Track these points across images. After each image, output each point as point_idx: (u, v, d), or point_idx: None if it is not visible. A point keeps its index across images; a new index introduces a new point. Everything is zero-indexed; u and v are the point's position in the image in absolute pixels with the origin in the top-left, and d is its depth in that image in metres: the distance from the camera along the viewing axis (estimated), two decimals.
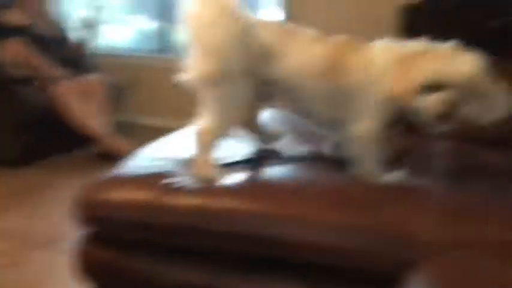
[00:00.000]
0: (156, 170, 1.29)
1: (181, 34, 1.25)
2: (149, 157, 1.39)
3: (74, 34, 3.50)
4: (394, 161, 1.25)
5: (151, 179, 1.26)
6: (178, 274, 1.27)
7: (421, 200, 1.16)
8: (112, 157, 2.71)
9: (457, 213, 1.11)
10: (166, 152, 1.42)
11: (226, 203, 1.17)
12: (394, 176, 1.23)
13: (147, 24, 4.23)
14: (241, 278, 1.22)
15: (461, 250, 0.99)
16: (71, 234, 1.63)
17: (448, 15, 1.09)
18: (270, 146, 1.46)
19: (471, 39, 1.13)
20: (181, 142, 1.47)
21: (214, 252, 1.21)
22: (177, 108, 3.74)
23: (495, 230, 1.05)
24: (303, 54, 1.24)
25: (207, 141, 1.25)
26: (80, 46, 3.46)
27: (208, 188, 1.21)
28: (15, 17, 3.15)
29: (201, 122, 1.25)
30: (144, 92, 3.92)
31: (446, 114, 1.08)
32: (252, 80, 1.24)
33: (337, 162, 1.30)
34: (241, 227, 1.15)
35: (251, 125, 1.44)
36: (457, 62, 1.09)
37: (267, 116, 1.61)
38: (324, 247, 1.10)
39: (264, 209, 1.15)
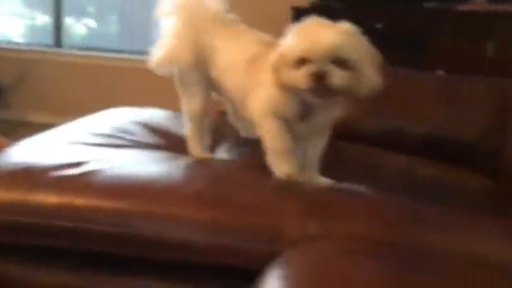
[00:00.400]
0: (24, 166, 1.23)
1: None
2: (19, 154, 1.32)
3: None
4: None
5: (17, 176, 1.19)
6: (50, 277, 1.23)
7: (290, 193, 1.19)
8: None
9: (322, 206, 1.14)
10: (38, 149, 1.35)
11: (92, 200, 1.14)
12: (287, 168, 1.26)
13: (40, 18, 4.04)
14: (116, 278, 1.20)
15: (323, 242, 1.03)
16: None
17: (336, 17, 1.15)
18: (252, 135, 1.44)
19: None
20: (56, 138, 1.41)
21: (87, 253, 1.18)
22: (65, 105, 3.64)
23: (359, 225, 1.09)
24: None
25: (200, 122, 1.43)
26: None
27: (75, 185, 1.17)
28: None
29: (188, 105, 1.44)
30: (32, 88, 3.74)
31: (317, 87, 1.11)
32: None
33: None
34: (105, 225, 1.12)
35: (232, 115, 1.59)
36: (319, 35, 1.12)
37: None
38: (196, 245, 1.10)
39: (129, 206, 1.13)
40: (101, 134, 1.47)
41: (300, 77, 1.12)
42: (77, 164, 1.22)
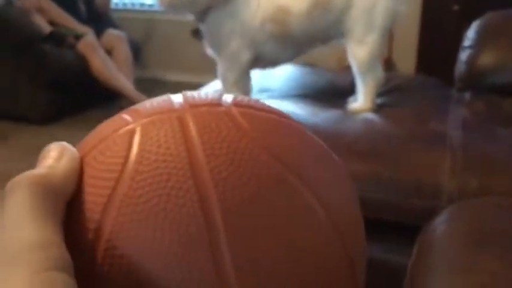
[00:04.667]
0: None
1: None
2: None
3: None
4: None
5: None
6: None
7: (445, 146, 1.16)
8: None
9: (481, 162, 1.10)
10: None
11: None
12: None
13: None
14: None
15: (486, 197, 1.00)
16: None
17: None
18: None
19: None
20: None
21: None
22: (198, 64, 3.77)
23: None
24: None
25: None
26: (105, 2, 3.45)
27: None
28: None
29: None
30: (160, 48, 3.91)
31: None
32: None
33: None
34: None
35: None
36: None
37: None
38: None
39: None
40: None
41: None
42: None
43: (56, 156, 0.26)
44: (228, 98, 0.28)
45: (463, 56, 1.63)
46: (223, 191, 0.23)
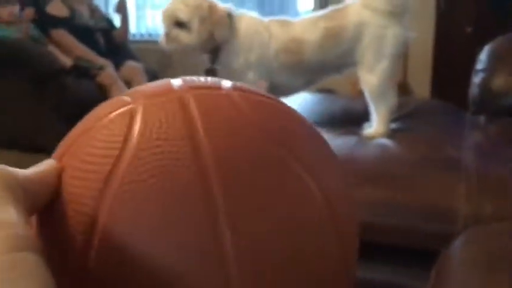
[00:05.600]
0: None
1: None
2: None
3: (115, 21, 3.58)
4: None
5: None
6: None
7: (459, 172, 1.16)
8: None
9: (496, 186, 1.11)
10: None
11: None
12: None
13: None
14: None
15: (503, 222, 1.00)
16: None
17: None
18: None
19: None
20: None
21: None
22: None
23: None
24: None
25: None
26: (123, 33, 3.53)
27: None
28: (56, 8, 3.24)
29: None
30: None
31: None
32: None
33: None
34: None
35: None
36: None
37: None
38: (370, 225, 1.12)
39: None
40: None
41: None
42: None
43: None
44: (227, 83, 0.28)
45: (476, 79, 1.65)
46: (225, 169, 0.24)
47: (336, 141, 1.36)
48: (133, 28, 3.95)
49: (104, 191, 0.24)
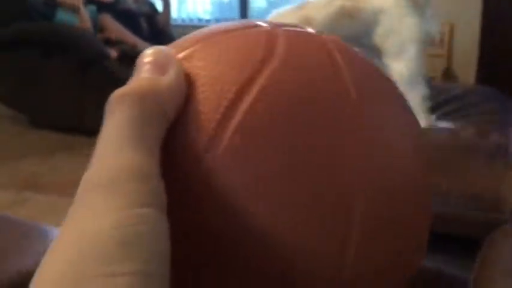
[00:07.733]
0: None
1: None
2: None
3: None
4: None
5: None
6: None
7: (507, 159, 1.14)
8: None
9: None
10: None
11: None
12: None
13: None
14: None
15: None
16: None
17: None
18: None
19: None
20: None
21: None
22: None
23: None
24: None
25: None
26: (165, 18, 3.56)
27: None
28: None
29: None
30: None
31: None
32: None
33: None
34: None
35: None
36: None
37: None
38: None
39: None
40: None
41: None
42: None
43: (159, 64, 0.23)
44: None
45: None
46: (362, 96, 0.24)
47: None
48: (174, 13, 3.98)
49: (237, 101, 0.22)
